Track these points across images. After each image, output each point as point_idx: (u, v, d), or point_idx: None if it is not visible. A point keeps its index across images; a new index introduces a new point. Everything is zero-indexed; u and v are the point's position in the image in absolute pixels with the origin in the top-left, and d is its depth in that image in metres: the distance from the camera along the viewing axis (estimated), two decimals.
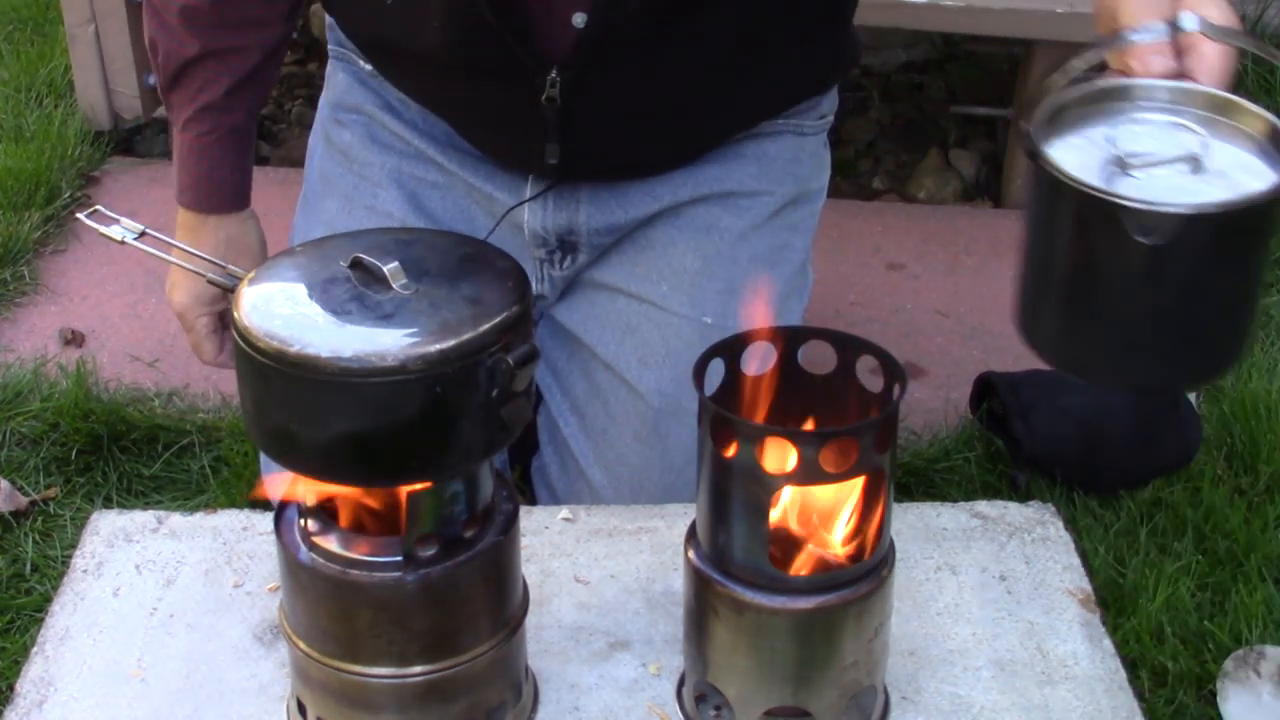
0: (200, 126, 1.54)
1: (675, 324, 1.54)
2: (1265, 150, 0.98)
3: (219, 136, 1.54)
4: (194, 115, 1.53)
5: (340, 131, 1.62)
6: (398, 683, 1.05)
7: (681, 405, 1.54)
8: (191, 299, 1.55)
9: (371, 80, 1.59)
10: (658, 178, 1.53)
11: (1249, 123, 1.00)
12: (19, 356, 2.22)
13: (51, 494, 1.94)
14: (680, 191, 1.54)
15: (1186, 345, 0.98)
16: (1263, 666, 1.63)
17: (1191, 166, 0.95)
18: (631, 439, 1.56)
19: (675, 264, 1.55)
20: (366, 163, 1.59)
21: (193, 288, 1.54)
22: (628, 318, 1.57)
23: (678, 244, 1.55)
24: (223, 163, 1.55)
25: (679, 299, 1.54)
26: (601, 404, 1.58)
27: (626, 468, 1.56)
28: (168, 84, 1.55)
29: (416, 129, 1.57)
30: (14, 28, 3.23)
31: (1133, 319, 0.96)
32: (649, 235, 1.56)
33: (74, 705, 1.15)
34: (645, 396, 1.55)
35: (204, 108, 1.53)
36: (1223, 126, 1.00)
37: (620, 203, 1.54)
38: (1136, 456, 1.95)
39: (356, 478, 1.01)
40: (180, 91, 1.54)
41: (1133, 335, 0.97)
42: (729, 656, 1.08)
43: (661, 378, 1.55)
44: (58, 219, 2.57)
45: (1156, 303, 0.95)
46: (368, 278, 0.99)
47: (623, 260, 1.57)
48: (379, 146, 1.59)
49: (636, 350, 1.56)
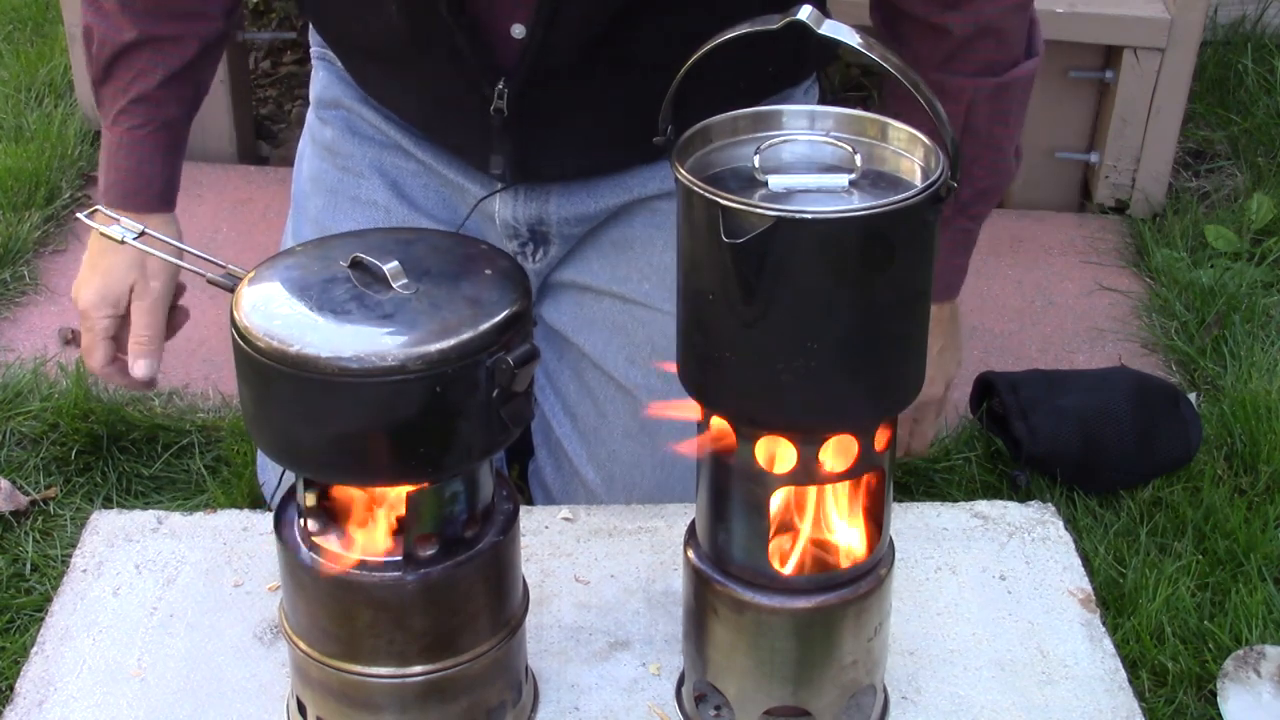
0: (131, 119, 1.50)
1: (660, 321, 1.55)
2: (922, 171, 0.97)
3: (151, 131, 1.50)
4: (126, 107, 1.50)
5: (323, 129, 1.62)
6: (398, 683, 1.05)
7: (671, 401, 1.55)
8: (98, 298, 1.50)
9: (348, 76, 1.60)
10: (626, 172, 1.54)
11: (905, 146, 0.99)
12: (19, 356, 2.22)
13: (51, 494, 1.94)
14: (650, 184, 1.54)
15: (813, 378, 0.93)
16: (1263, 666, 1.63)
17: (842, 182, 0.94)
18: (622, 436, 1.56)
19: (655, 261, 1.55)
20: (349, 155, 1.59)
21: (102, 287, 1.50)
22: (613, 317, 1.57)
23: (655, 241, 1.55)
24: (152, 159, 1.51)
25: (662, 295, 1.55)
26: (592, 403, 1.58)
27: (619, 465, 1.57)
28: (101, 74, 1.51)
29: (391, 120, 1.58)
30: (14, 28, 3.23)
31: (733, 337, 0.93)
32: (626, 235, 1.56)
33: (74, 705, 1.15)
34: (634, 393, 1.55)
35: (137, 99, 1.50)
36: (879, 148, 0.99)
37: (590, 193, 1.54)
38: (1136, 456, 1.95)
39: (356, 478, 1.01)
40: (113, 83, 1.51)
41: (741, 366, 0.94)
42: (729, 656, 1.08)
43: (650, 375, 1.56)
44: (58, 219, 2.57)
45: (753, 315, 0.92)
46: (368, 278, 0.99)
47: (604, 263, 1.58)
48: (360, 138, 1.59)
49: (624, 349, 1.57)
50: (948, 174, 0.93)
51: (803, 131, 1.00)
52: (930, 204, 0.92)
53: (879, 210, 0.90)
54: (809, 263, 0.91)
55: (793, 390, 0.94)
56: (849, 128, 1.00)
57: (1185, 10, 2.56)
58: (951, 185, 0.93)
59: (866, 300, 0.93)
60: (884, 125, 0.99)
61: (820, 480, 1.01)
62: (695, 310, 0.97)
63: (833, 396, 0.95)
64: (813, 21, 0.92)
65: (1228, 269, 2.44)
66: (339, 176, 1.60)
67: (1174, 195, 2.70)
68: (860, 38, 0.93)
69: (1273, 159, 2.77)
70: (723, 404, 0.99)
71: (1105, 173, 2.69)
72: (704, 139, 1.00)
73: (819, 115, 1.01)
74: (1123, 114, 2.64)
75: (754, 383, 0.95)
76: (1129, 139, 2.65)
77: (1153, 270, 2.49)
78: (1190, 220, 2.60)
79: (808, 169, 0.97)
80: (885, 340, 0.95)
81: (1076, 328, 2.36)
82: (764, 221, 0.89)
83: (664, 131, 0.99)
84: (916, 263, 0.94)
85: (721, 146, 1.00)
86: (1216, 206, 2.68)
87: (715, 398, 0.99)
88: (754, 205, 0.90)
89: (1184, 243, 2.54)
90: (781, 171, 0.96)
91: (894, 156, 0.99)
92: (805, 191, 0.94)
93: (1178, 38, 2.57)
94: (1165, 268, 2.47)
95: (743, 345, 0.94)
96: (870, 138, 0.99)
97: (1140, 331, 2.36)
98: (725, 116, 1.00)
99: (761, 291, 0.91)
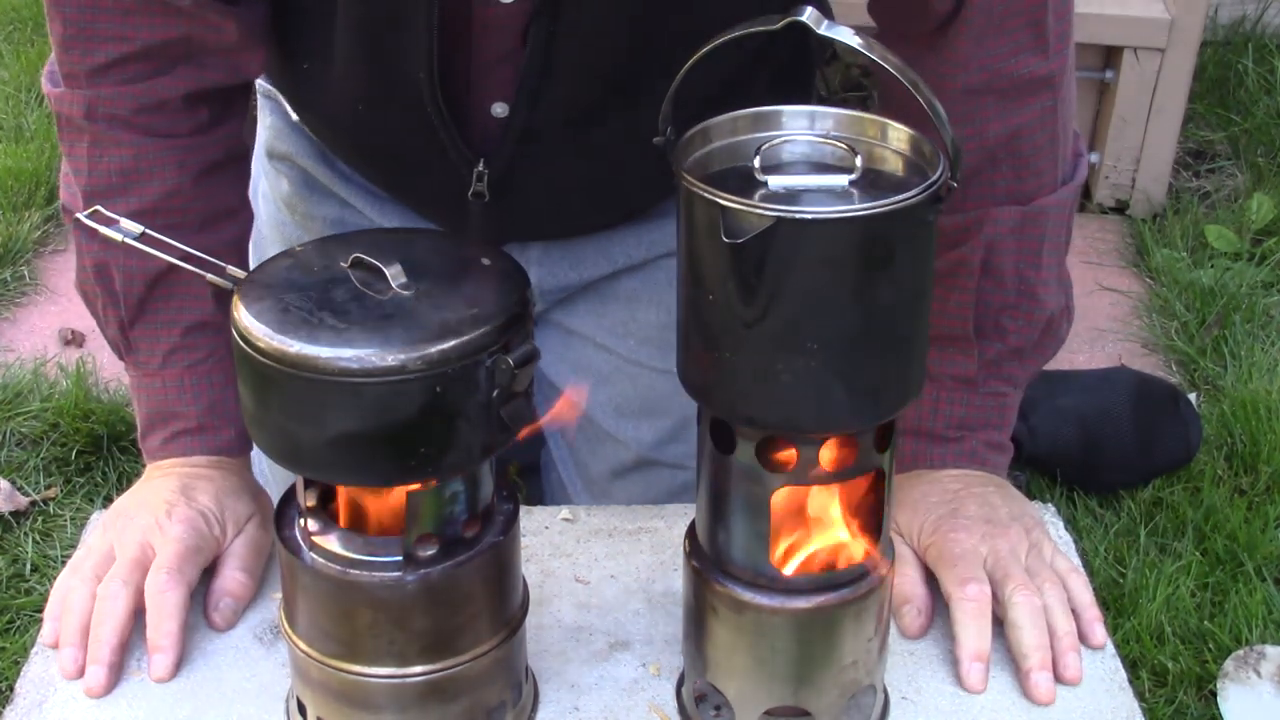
0: (192, 354, 1.27)
1: (648, 377, 1.52)
2: (916, 172, 0.96)
3: (219, 360, 1.26)
4: (180, 343, 1.26)
5: (278, 180, 1.51)
6: (398, 683, 1.05)
7: (663, 451, 1.54)
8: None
9: (301, 126, 1.48)
10: (609, 235, 1.47)
11: (905, 146, 0.98)
12: (19, 356, 2.22)
13: (51, 494, 1.94)
14: (634, 253, 1.48)
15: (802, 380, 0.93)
16: (1263, 666, 1.63)
17: (840, 183, 0.94)
18: (611, 476, 1.55)
19: (640, 318, 1.51)
20: (307, 214, 1.50)
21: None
22: (599, 367, 1.53)
23: (640, 299, 1.50)
24: (225, 386, 1.26)
25: (648, 352, 1.51)
26: (584, 439, 1.57)
27: (610, 499, 1.55)
28: (133, 314, 1.26)
29: (349, 183, 1.48)
30: (14, 28, 3.24)
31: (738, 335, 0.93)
32: (613, 287, 1.51)
33: (74, 705, 1.15)
34: (624, 444, 1.54)
35: (193, 328, 1.26)
36: (879, 148, 0.98)
37: (573, 264, 1.48)
38: (1136, 456, 1.95)
39: (356, 478, 1.01)
40: (151, 319, 1.26)
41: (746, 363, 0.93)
42: (729, 656, 1.08)
43: (640, 427, 1.53)
44: (58, 219, 2.57)
45: (753, 315, 0.92)
46: (368, 278, 0.99)
47: (589, 309, 1.52)
48: (317, 196, 1.49)
49: (612, 400, 1.53)
50: (948, 174, 0.93)
51: (803, 131, 1.00)
52: (930, 204, 0.92)
53: (879, 210, 0.90)
54: (809, 263, 0.91)
55: (793, 390, 0.94)
56: (849, 128, 1.00)
57: (1185, 10, 2.56)
58: (952, 185, 0.93)
59: (866, 300, 0.93)
60: (884, 125, 0.99)
61: (820, 480, 1.01)
62: (695, 310, 0.97)
63: (833, 396, 0.95)
64: (813, 22, 0.92)
65: (1228, 269, 2.45)
66: (299, 234, 1.50)
67: (1174, 195, 2.71)
68: (860, 38, 0.93)
69: (1273, 159, 2.77)
70: (723, 404, 0.99)
71: (1105, 173, 2.69)
72: (704, 139, 1.00)
73: (819, 115, 1.01)
74: (1123, 114, 2.64)
75: (754, 383, 0.95)
76: (1129, 139, 2.65)
77: (1153, 270, 2.49)
78: (1190, 220, 2.60)
79: (808, 169, 0.97)
80: (885, 340, 0.95)
81: (1076, 328, 2.35)
82: (764, 221, 0.89)
83: (664, 132, 0.99)
84: (916, 263, 0.94)
85: (721, 146, 1.00)
86: (1217, 206, 2.68)
87: (715, 398, 0.99)
88: (754, 205, 0.90)
89: (1184, 243, 2.55)
90: (781, 171, 0.96)
91: (894, 156, 0.99)
92: (805, 191, 0.94)
93: (1178, 38, 2.58)
94: (1165, 268, 2.47)
95: (743, 345, 0.94)
96: (870, 138, 0.99)
97: (1140, 331, 2.36)
98: (725, 116, 1.00)
99: (761, 291, 0.91)
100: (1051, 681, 1.14)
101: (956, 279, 1.25)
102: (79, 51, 1.23)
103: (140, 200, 1.24)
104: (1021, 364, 1.28)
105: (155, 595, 1.16)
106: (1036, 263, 1.25)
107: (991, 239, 1.23)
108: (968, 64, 1.20)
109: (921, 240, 0.94)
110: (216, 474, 1.26)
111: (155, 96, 1.24)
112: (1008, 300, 1.26)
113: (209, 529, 1.21)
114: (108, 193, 1.24)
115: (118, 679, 1.15)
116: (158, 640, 1.15)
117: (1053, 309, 1.28)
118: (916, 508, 1.25)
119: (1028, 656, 1.15)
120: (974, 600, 1.17)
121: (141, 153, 1.24)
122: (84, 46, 1.23)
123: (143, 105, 1.24)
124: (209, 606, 1.21)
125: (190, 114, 1.26)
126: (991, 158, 1.22)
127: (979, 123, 1.21)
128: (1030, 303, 1.26)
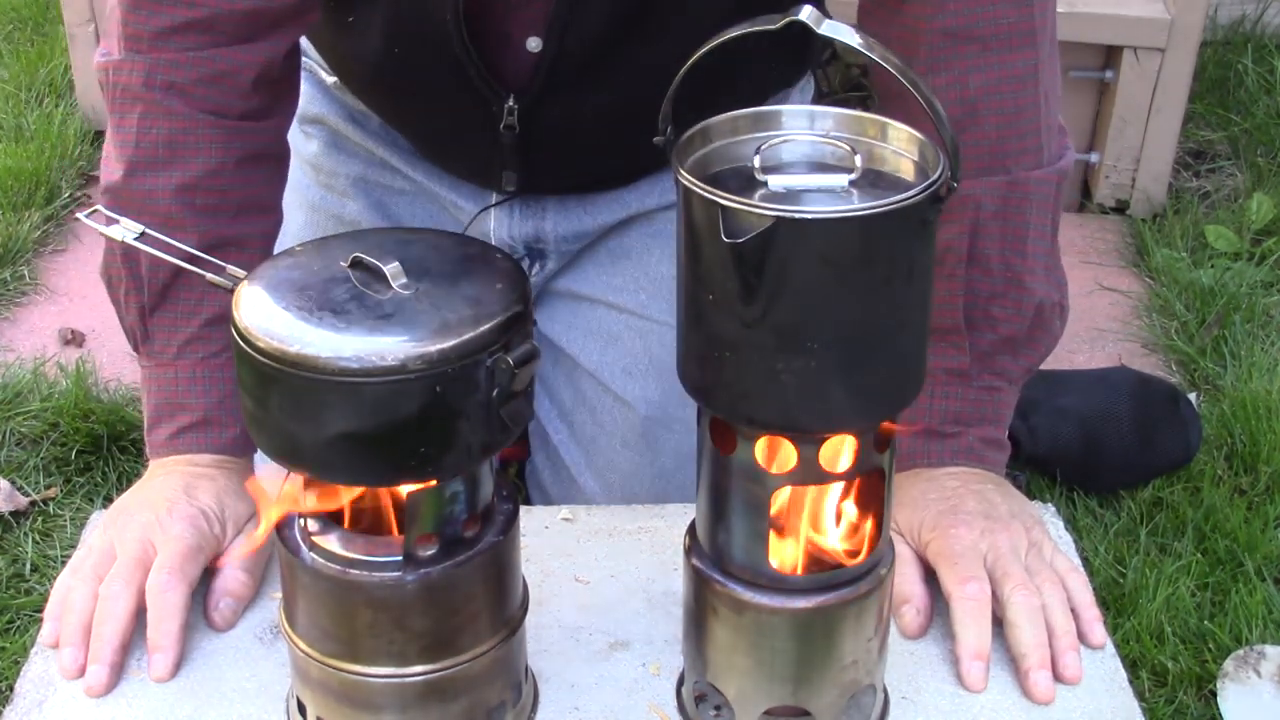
0: (209, 346, 1.27)
1: (657, 331, 1.54)
2: (920, 172, 0.96)
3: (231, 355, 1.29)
4: (198, 334, 1.27)
5: (306, 143, 1.57)
6: (398, 683, 1.05)
7: (669, 413, 1.54)
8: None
9: (335, 90, 1.55)
10: (623, 188, 1.51)
11: (905, 146, 0.98)
12: (19, 356, 2.22)
13: (51, 494, 1.94)
14: (647, 200, 1.52)
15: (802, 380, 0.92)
16: (1263, 666, 1.63)
17: (840, 183, 0.94)
18: (620, 446, 1.55)
19: (651, 271, 1.53)
20: (332, 172, 1.55)
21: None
22: (609, 327, 1.55)
23: (652, 251, 1.53)
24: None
25: (658, 306, 1.53)
26: (589, 412, 1.57)
27: (617, 474, 1.56)
28: (155, 300, 1.28)
29: (380, 139, 1.54)
30: (14, 28, 3.24)
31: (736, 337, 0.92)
32: (623, 244, 1.54)
33: (74, 705, 1.15)
34: (632, 405, 1.54)
35: (212, 320, 1.27)
36: (879, 148, 0.98)
37: (588, 210, 1.52)
38: (1136, 456, 1.95)
39: (356, 478, 1.01)
40: (172, 308, 1.27)
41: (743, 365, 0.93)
42: (729, 656, 1.08)
43: (647, 386, 1.54)
44: (58, 219, 2.57)
45: (753, 315, 0.91)
46: (368, 277, 0.99)
47: (599, 270, 1.56)
48: (344, 155, 1.55)
49: (620, 360, 1.55)
50: (948, 174, 0.93)
51: (803, 131, 1.00)
52: (930, 204, 0.92)
53: (879, 210, 0.90)
54: (809, 262, 0.91)
55: (793, 390, 0.94)
56: (849, 128, 1.00)
57: (1185, 10, 2.56)
58: (952, 185, 0.93)
59: (866, 300, 0.93)
60: (884, 125, 0.99)
61: (820, 480, 1.01)
62: (695, 310, 0.97)
63: (833, 396, 0.95)
64: (813, 21, 0.92)
65: (1228, 269, 2.44)
66: (321, 194, 1.56)
67: (1174, 195, 2.70)
68: (860, 38, 0.93)
69: (1273, 159, 2.77)
70: (723, 404, 0.99)
71: (1105, 173, 2.69)
72: (704, 139, 1.00)
73: (819, 115, 1.01)
74: (1123, 114, 2.64)
75: (754, 383, 0.95)
76: (1129, 139, 2.65)
77: (1153, 270, 2.49)
78: (1190, 220, 2.60)
79: (808, 169, 0.97)
80: (885, 340, 0.95)
81: (1076, 328, 2.35)
82: (764, 221, 0.89)
83: (664, 131, 0.99)
84: (916, 262, 0.94)
85: (721, 146, 1.00)
86: (1217, 206, 2.68)
87: (715, 398, 0.99)
88: (754, 205, 0.90)
89: (1184, 243, 2.54)
90: (781, 171, 0.96)
91: (894, 156, 0.98)
92: (805, 191, 0.94)
93: (1178, 38, 2.57)
94: (1165, 268, 2.47)
95: (743, 345, 0.94)
96: (870, 138, 0.99)
97: (1140, 331, 2.36)
98: (725, 116, 1.00)
99: (761, 291, 0.91)
100: (1051, 681, 1.14)
101: (944, 265, 1.26)
102: (146, 12, 1.26)
103: (184, 174, 1.26)
104: (1014, 357, 1.28)
105: (156, 595, 1.16)
106: (1022, 250, 1.25)
107: (976, 222, 1.24)
108: (944, 3, 1.21)
109: (921, 240, 0.94)
110: (219, 474, 1.27)
111: (215, 68, 1.26)
112: (995, 289, 1.26)
113: (210, 528, 1.21)
114: (153, 164, 1.27)
115: (119, 678, 1.15)
116: (158, 640, 1.15)
117: (1041, 298, 1.28)
118: (916, 505, 1.25)
119: (1027, 656, 1.15)
120: (974, 599, 1.17)
121: (190, 126, 1.27)
122: (151, 7, 1.25)
123: (201, 76, 1.26)
124: (209, 606, 1.21)
125: (244, 96, 1.28)
126: (973, 111, 1.22)
127: (959, 72, 1.22)
128: (1018, 290, 1.26)
